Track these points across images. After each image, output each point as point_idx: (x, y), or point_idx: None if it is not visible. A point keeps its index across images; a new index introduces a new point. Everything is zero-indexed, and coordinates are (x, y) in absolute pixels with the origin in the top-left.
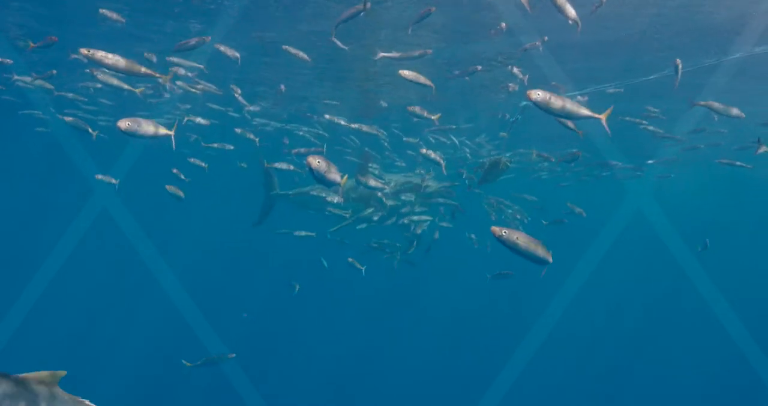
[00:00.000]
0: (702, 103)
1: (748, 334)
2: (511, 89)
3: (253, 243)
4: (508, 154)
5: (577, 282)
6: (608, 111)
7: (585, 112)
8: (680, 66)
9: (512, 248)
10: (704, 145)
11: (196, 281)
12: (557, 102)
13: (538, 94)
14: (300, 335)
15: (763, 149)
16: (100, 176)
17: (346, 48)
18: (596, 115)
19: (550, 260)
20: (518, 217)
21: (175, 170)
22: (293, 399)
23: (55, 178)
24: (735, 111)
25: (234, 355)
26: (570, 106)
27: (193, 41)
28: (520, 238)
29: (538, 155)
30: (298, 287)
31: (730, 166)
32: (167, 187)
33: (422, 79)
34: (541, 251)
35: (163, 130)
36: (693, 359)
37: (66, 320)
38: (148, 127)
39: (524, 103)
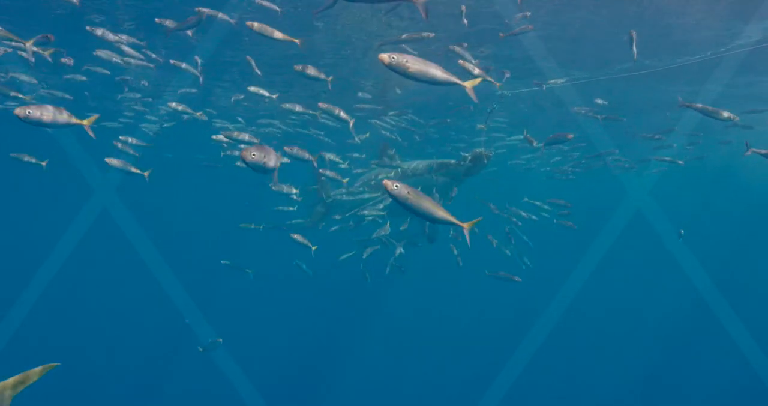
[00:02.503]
0: (688, 104)
1: (747, 331)
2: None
3: (253, 242)
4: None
5: (576, 280)
6: (475, 81)
7: (449, 77)
8: (634, 37)
9: (403, 204)
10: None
11: (196, 280)
12: (415, 65)
13: (392, 58)
14: (303, 337)
15: (750, 152)
16: (14, 154)
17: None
18: (460, 82)
19: (453, 220)
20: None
21: (120, 143)
22: (293, 399)
23: (54, 178)
24: (725, 114)
25: (221, 340)
26: (433, 70)
27: (191, 20)
28: (411, 194)
29: (526, 137)
30: (251, 273)
31: (670, 163)
32: (108, 160)
33: (278, 35)
34: (427, 205)
35: (74, 120)
36: (693, 359)
37: (66, 319)
38: (53, 116)
39: (500, 92)
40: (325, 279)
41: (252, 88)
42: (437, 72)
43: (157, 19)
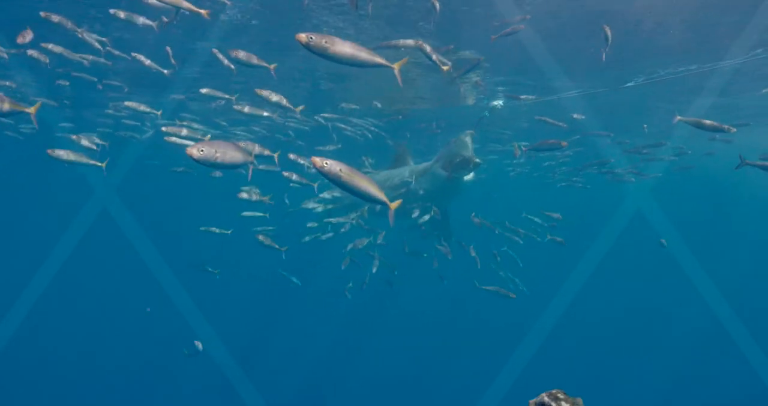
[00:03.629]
0: (685, 118)
1: (748, 332)
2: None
3: (252, 243)
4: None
5: (575, 283)
6: (402, 61)
7: (374, 58)
8: (609, 34)
9: (335, 181)
10: (669, 157)
11: (195, 280)
12: (336, 46)
13: (311, 38)
14: (302, 338)
15: (744, 164)
16: None
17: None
18: (387, 64)
19: (384, 198)
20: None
21: (75, 137)
22: (292, 400)
23: (54, 178)
24: (723, 126)
25: (199, 343)
26: (356, 51)
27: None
28: (343, 170)
29: (518, 146)
30: (218, 273)
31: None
32: (49, 151)
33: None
34: (360, 182)
35: (19, 107)
36: (693, 362)
37: (65, 319)
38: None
39: (494, 103)
40: (327, 282)
41: (204, 91)
42: (361, 53)
43: (111, 11)
